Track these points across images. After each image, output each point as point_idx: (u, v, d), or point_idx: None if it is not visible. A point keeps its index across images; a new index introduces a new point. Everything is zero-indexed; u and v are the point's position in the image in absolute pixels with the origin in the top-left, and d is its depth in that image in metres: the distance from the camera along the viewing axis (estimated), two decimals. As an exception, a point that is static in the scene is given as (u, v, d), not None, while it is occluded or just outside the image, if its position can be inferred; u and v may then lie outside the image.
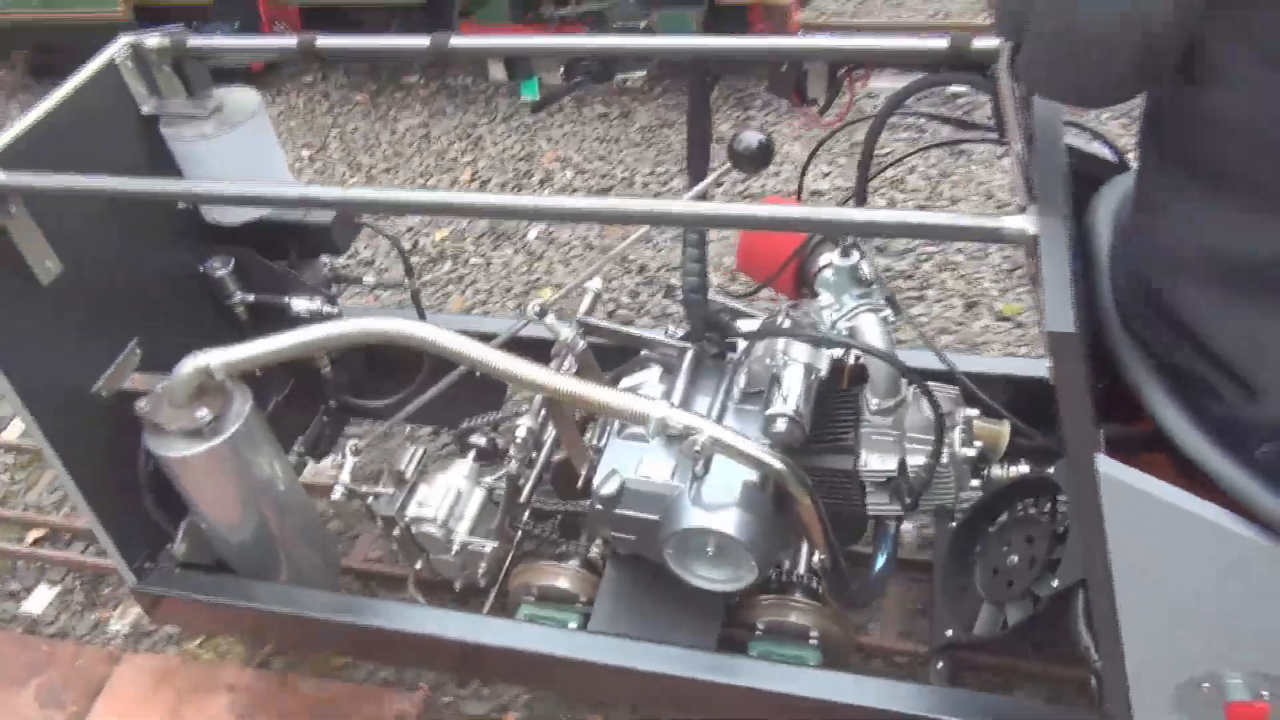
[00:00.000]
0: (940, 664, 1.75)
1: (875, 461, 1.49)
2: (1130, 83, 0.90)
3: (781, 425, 1.43)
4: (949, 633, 1.71)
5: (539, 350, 1.76)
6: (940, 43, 1.29)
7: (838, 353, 1.61)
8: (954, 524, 1.82)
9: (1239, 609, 1.15)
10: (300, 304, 1.83)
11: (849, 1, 4.33)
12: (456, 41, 1.48)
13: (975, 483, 1.55)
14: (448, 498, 1.84)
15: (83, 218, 1.55)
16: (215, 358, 1.55)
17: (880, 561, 1.62)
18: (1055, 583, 1.53)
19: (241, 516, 1.73)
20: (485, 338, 1.59)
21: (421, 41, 1.48)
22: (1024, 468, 1.67)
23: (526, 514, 2.04)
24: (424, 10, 3.84)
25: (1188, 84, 0.96)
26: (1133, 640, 1.21)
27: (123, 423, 1.63)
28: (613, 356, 1.79)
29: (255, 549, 1.78)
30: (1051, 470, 1.60)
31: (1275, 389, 0.98)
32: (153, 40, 1.62)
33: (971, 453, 1.50)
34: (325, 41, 1.53)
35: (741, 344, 1.61)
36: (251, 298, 1.85)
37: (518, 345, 1.62)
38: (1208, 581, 1.13)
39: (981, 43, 1.26)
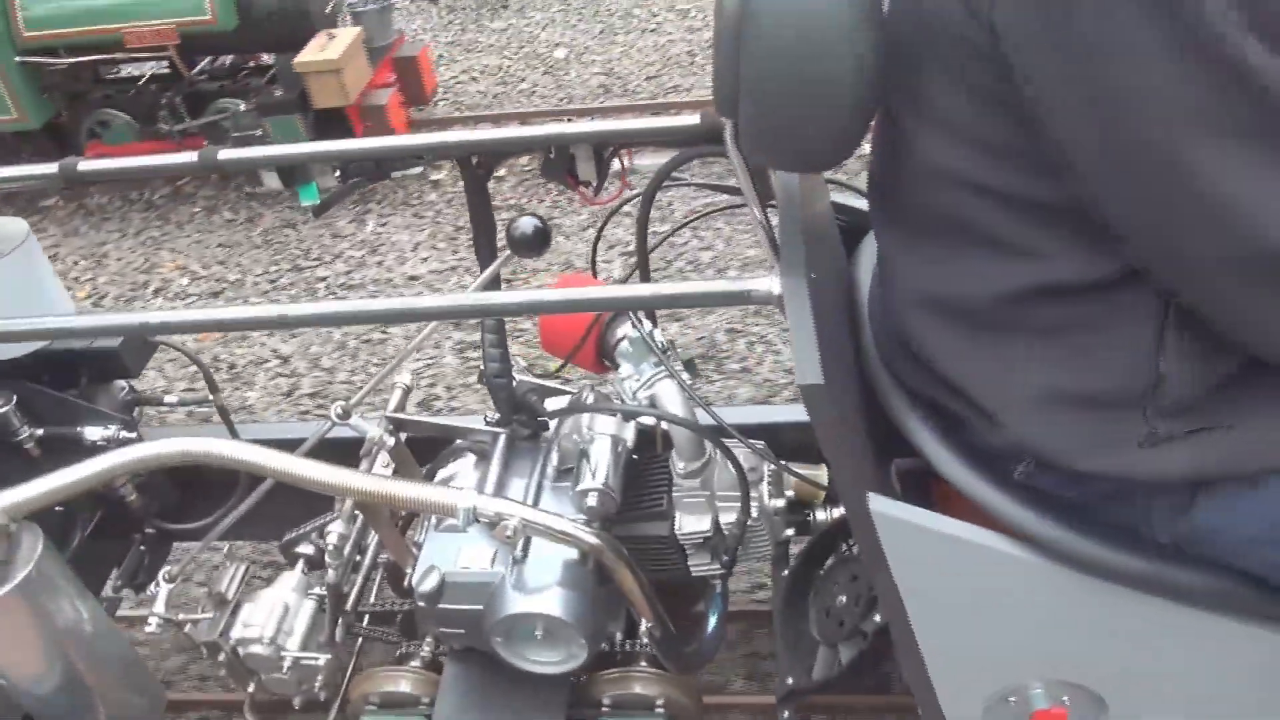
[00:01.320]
0: (785, 714, 1.77)
1: (690, 524, 1.52)
2: (824, 153, 0.97)
3: (593, 500, 1.45)
4: (789, 681, 1.74)
5: (355, 453, 1.73)
6: (693, 119, 1.35)
7: (650, 422, 1.64)
8: (786, 572, 1.87)
9: (1025, 623, 1.21)
10: (94, 433, 1.75)
11: (486, 96, 4.98)
12: (225, 154, 1.47)
13: (790, 532, 1.59)
14: (275, 613, 1.76)
15: None
16: (-5, 502, 1.46)
17: (712, 622, 1.64)
18: (878, 617, 1.58)
19: (46, 666, 1.61)
20: (295, 445, 1.55)
21: (190, 158, 1.47)
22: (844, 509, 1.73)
23: (365, 619, 1.99)
24: (48, 135, 4.21)
25: (885, 148, 1.06)
26: (936, 665, 1.26)
27: (-101, 584, 1.51)
28: (432, 450, 1.78)
29: (66, 700, 1.66)
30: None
31: (1008, 416, 1.06)
32: (-98, 176, 1.55)
33: (781, 503, 1.54)
34: (88, 165, 1.49)
35: (553, 424, 1.63)
36: (40, 432, 1.76)
37: (335, 451, 1.59)
38: (990, 601, 1.19)
39: (731, 117, 1.34)
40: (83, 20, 4.05)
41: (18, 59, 4.09)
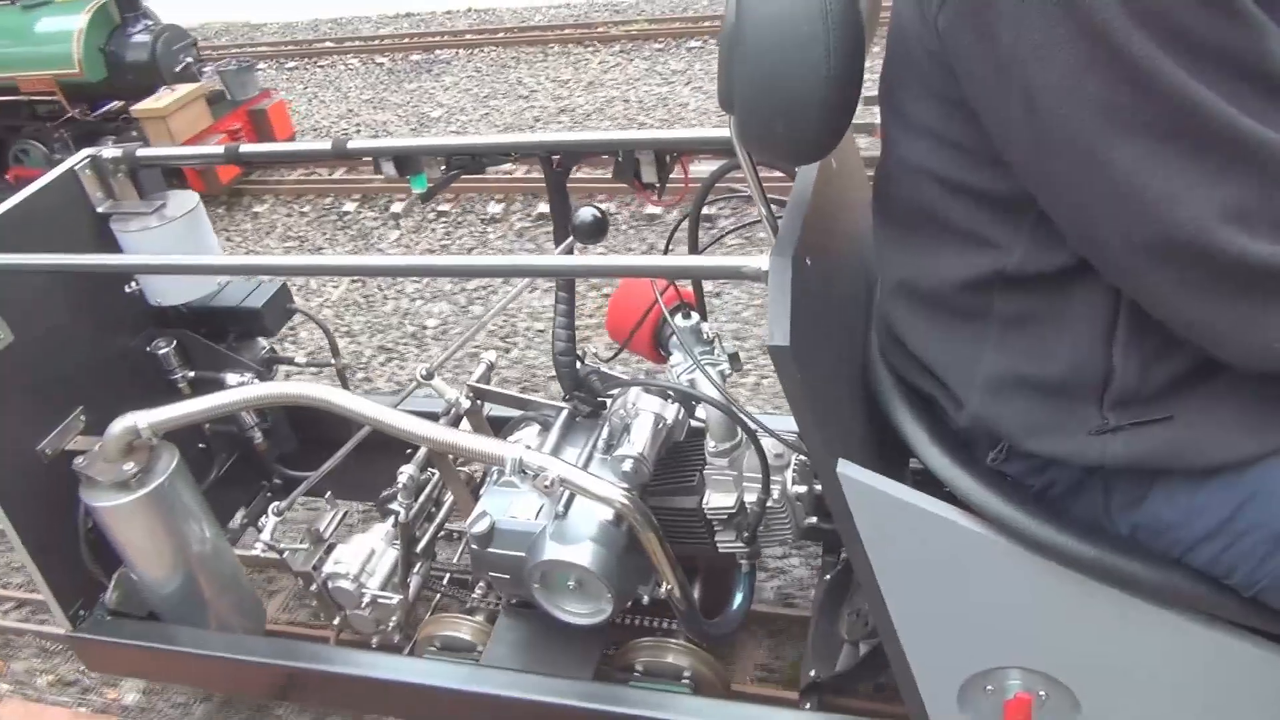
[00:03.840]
0: (808, 705, 1.85)
1: (717, 499, 1.65)
2: (799, 150, 1.11)
3: (628, 465, 1.61)
4: (812, 673, 1.82)
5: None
6: (741, 130, 1.52)
7: (700, 414, 1.79)
8: (828, 577, 1.96)
9: (995, 606, 1.27)
10: (233, 379, 2.05)
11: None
12: (354, 144, 1.74)
13: (813, 519, 1.69)
14: (361, 555, 2.00)
15: (34, 294, 1.79)
16: (143, 418, 1.76)
17: (737, 600, 1.75)
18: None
19: (168, 567, 1.91)
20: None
21: (324, 144, 1.75)
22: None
23: (446, 578, 2.21)
24: None
25: (882, 152, 1.19)
26: (911, 643, 1.34)
27: (65, 482, 1.84)
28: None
29: (182, 600, 1.95)
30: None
31: (970, 398, 1.15)
32: (109, 151, 1.91)
33: (804, 489, 1.65)
34: (246, 148, 1.81)
35: (610, 404, 1.80)
36: (192, 374, 2.08)
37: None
38: (961, 581, 1.26)
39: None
40: (-3, 68, 5.07)
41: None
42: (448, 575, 2.24)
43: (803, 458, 1.68)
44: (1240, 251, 0.86)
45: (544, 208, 4.42)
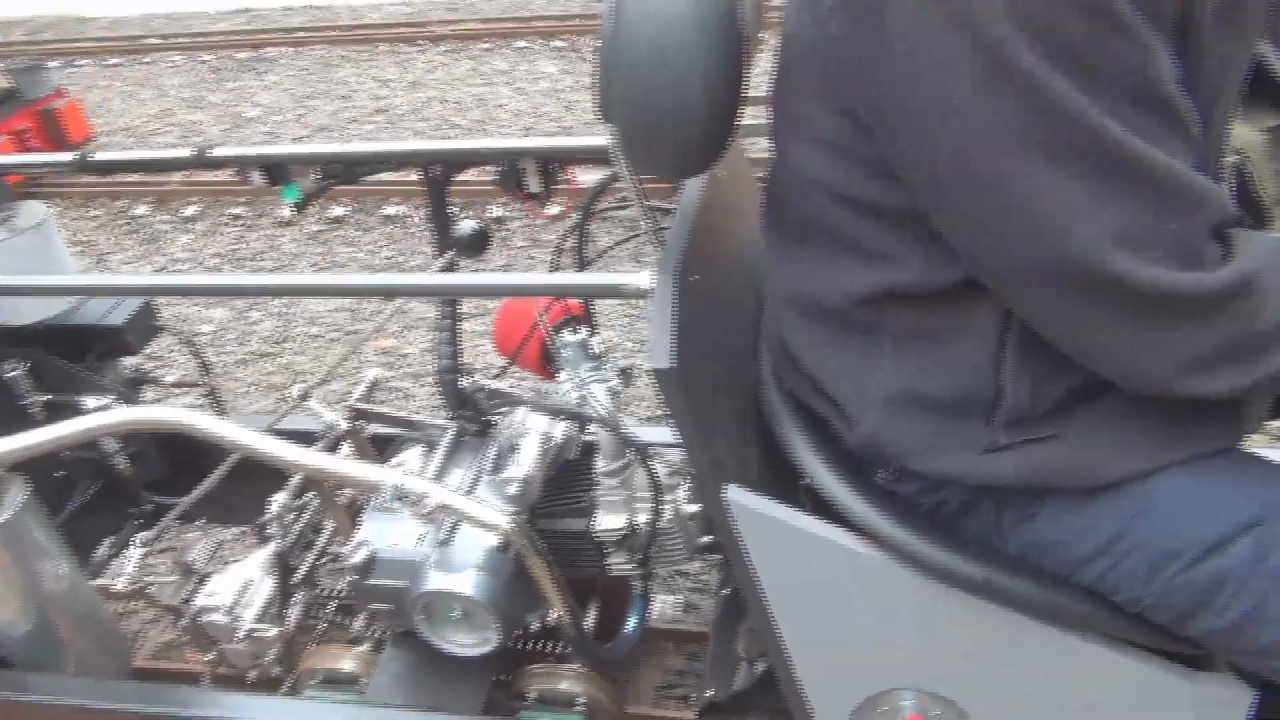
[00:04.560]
0: (705, 726, 1.81)
1: (606, 521, 1.59)
2: (680, 163, 1.06)
3: (513, 488, 1.54)
4: (709, 693, 1.78)
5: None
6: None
7: (594, 429, 1.73)
8: (725, 592, 1.92)
9: (887, 628, 1.25)
10: (92, 403, 1.92)
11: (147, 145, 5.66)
12: (218, 151, 1.63)
13: (707, 538, 1.65)
14: (236, 586, 1.88)
15: None
16: (-16, 449, 1.62)
17: (630, 623, 1.70)
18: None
19: (18, 609, 1.76)
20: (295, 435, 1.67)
21: (184, 152, 1.63)
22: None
23: (334, 605, 2.10)
24: None
25: (771, 161, 1.14)
26: (803, 667, 1.31)
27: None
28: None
29: (35, 643, 1.81)
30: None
31: (861, 415, 1.12)
32: (-54, 159, 1.76)
33: (696, 508, 1.61)
34: (99, 155, 1.67)
35: (499, 422, 1.73)
36: (46, 398, 1.93)
37: (307, 440, 1.71)
38: (852, 603, 1.23)
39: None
40: None
41: None
42: (334, 603, 2.13)
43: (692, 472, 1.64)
44: (1131, 275, 0.85)
45: (338, 210, 4.37)
